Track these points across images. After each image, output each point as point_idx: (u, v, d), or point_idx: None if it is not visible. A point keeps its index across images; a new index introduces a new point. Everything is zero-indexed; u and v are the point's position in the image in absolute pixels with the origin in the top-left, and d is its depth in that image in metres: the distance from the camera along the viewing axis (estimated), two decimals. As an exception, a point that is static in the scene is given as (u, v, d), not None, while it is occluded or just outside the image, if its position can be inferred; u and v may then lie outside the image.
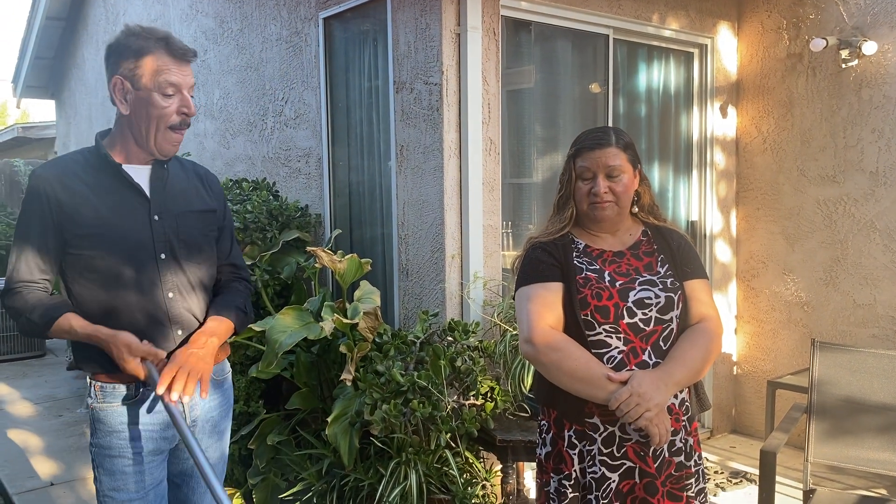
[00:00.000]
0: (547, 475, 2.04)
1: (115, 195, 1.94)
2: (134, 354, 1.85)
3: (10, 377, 6.39)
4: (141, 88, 1.89)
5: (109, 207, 1.92)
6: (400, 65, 3.57)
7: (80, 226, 1.89)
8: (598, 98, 4.11)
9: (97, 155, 1.96)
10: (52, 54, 8.63)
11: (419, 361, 2.99)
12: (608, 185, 1.97)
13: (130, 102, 1.91)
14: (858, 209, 4.04)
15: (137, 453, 1.95)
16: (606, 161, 1.97)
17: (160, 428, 1.98)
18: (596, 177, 1.98)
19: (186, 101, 1.94)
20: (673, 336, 1.94)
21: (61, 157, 2.01)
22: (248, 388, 3.45)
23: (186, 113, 1.94)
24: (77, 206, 1.89)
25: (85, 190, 1.91)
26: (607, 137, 2.00)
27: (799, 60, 4.26)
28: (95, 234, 1.90)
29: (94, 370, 1.95)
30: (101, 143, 1.98)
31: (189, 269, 2.03)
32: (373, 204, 3.94)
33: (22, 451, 4.49)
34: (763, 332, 4.53)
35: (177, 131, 1.95)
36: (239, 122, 5.04)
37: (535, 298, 1.95)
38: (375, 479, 2.88)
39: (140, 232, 1.95)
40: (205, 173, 2.19)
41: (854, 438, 2.83)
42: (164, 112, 1.90)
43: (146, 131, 1.92)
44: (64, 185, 1.90)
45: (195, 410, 2.04)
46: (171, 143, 1.95)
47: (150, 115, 1.90)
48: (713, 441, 4.54)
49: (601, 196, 1.97)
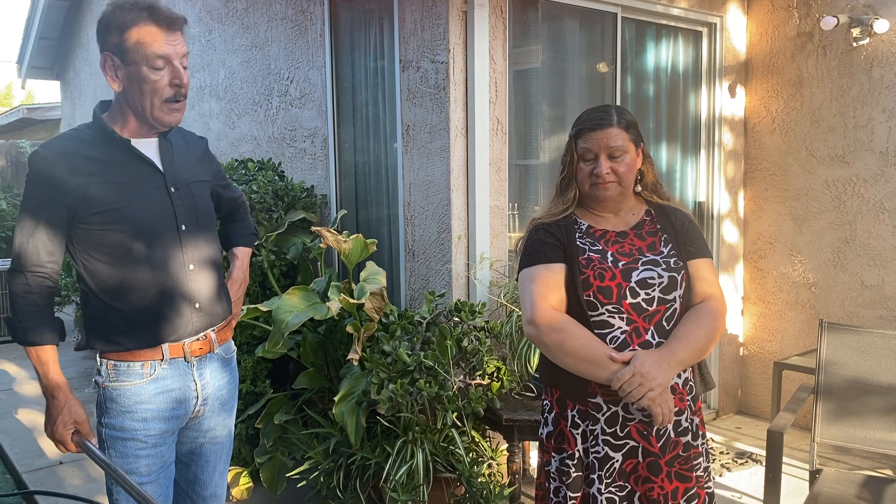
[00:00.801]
0: (548, 454, 2.05)
1: (127, 170, 1.91)
2: (70, 429, 1.87)
3: (17, 357, 6.43)
4: (130, 63, 1.83)
5: (124, 184, 1.89)
6: (406, 43, 3.54)
7: (93, 204, 1.85)
8: (606, 77, 4.07)
9: (102, 131, 1.91)
10: (56, 35, 8.59)
11: (425, 342, 3.00)
12: (610, 165, 1.96)
13: (122, 78, 1.86)
14: (867, 190, 4.01)
15: (150, 434, 1.94)
16: (608, 141, 1.95)
17: (172, 407, 1.97)
18: (598, 157, 1.96)
19: (178, 72, 1.86)
20: (676, 316, 1.94)
21: (61, 136, 1.95)
22: (255, 367, 3.47)
23: (179, 84, 1.87)
24: (86, 185, 1.85)
25: (93, 167, 1.87)
26: (608, 117, 1.98)
27: (809, 39, 4.22)
28: (111, 210, 1.86)
29: (106, 347, 1.93)
30: (102, 118, 1.94)
31: (207, 240, 2.03)
32: (378, 184, 3.92)
33: (30, 430, 4.53)
34: (770, 314, 4.52)
35: (173, 103, 1.89)
36: (244, 102, 5.02)
37: (538, 280, 1.95)
38: (382, 457, 2.89)
39: (160, 205, 1.93)
40: (191, 137, 2.17)
41: (861, 419, 2.83)
42: (155, 86, 1.84)
43: (141, 106, 1.87)
44: (69, 166, 1.85)
45: (207, 389, 2.04)
46: (169, 113, 1.90)
47: (143, 90, 1.85)
48: (719, 422, 4.54)
49: (603, 177, 1.95)
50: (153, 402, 1.94)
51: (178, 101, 1.89)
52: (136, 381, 1.92)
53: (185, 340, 1.97)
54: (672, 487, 1.91)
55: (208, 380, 2.04)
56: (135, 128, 1.93)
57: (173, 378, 1.96)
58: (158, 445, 1.96)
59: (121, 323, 1.91)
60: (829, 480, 2.75)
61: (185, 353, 1.97)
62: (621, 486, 1.93)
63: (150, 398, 1.93)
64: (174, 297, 1.94)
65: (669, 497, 1.91)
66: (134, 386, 1.92)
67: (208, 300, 2.02)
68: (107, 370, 1.93)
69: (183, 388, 1.98)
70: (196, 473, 2.15)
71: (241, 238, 2.35)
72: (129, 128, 1.93)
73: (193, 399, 2.01)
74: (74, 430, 1.87)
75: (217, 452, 2.16)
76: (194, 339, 1.99)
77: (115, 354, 1.92)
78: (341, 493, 2.99)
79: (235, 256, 2.31)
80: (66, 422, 1.86)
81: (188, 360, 1.98)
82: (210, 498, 2.19)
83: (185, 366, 1.98)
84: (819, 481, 2.74)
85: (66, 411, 1.86)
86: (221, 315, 2.09)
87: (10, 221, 10.10)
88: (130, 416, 1.92)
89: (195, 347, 1.99)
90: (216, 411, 2.10)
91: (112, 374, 1.92)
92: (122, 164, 1.91)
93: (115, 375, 1.92)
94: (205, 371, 2.03)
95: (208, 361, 2.05)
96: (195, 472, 2.15)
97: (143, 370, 1.92)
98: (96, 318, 1.93)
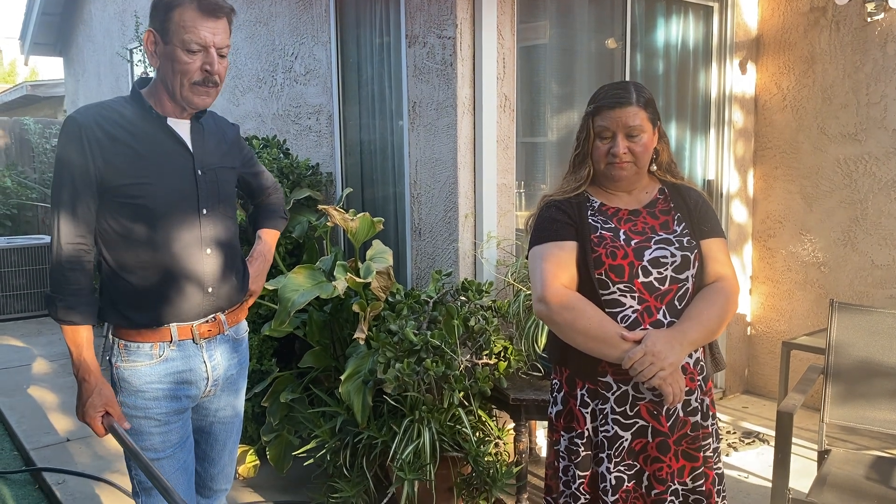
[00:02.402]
0: (557, 434, 2.04)
1: (160, 147, 1.91)
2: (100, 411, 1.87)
3: (25, 335, 6.45)
4: (168, 43, 1.85)
5: (154, 159, 1.89)
6: (412, 18, 3.48)
7: (121, 174, 1.85)
8: (615, 54, 4.01)
9: (140, 105, 1.92)
10: (59, 11, 8.53)
11: (432, 321, 2.98)
12: (627, 144, 1.92)
13: (159, 55, 1.88)
14: (880, 168, 3.96)
15: (162, 413, 1.95)
16: (626, 121, 1.91)
17: (182, 387, 1.98)
18: (615, 136, 1.92)
19: (211, 59, 1.86)
20: (688, 295, 1.91)
21: (98, 103, 1.94)
22: (261, 346, 3.46)
23: (209, 71, 1.87)
24: (117, 153, 1.85)
25: (126, 137, 1.87)
26: (628, 95, 1.93)
27: (822, 14, 4.14)
28: (138, 183, 1.86)
29: (116, 321, 1.92)
30: (141, 93, 1.94)
31: (225, 226, 2.03)
32: (384, 162, 3.89)
33: (37, 407, 4.55)
34: (778, 293, 4.49)
35: (201, 86, 1.89)
36: (248, 78, 4.97)
37: (549, 257, 1.92)
38: (389, 436, 2.88)
39: (186, 186, 1.94)
40: (224, 123, 2.17)
41: (870, 400, 2.81)
42: (186, 68, 1.85)
43: (171, 85, 1.88)
44: (105, 130, 1.85)
45: (217, 370, 2.04)
46: (197, 95, 1.90)
47: (175, 69, 1.86)
48: (726, 401, 4.53)
49: (620, 157, 1.91)
50: (163, 383, 1.95)
51: (207, 85, 1.89)
52: (146, 361, 1.93)
53: (193, 322, 1.97)
54: (679, 465, 1.90)
55: (218, 361, 2.05)
56: (169, 107, 1.93)
57: (182, 360, 1.97)
58: (171, 423, 1.97)
59: (132, 296, 1.91)
60: (837, 461, 2.73)
61: (194, 335, 1.97)
62: (630, 465, 1.92)
63: (159, 379, 1.94)
64: (187, 278, 1.94)
65: (676, 475, 1.90)
66: (144, 367, 1.93)
67: (221, 285, 2.02)
68: (118, 350, 1.94)
69: (193, 370, 1.99)
70: (206, 451, 2.17)
71: (268, 221, 2.35)
72: (163, 106, 1.93)
73: (203, 380, 2.02)
74: (104, 412, 1.88)
75: (227, 431, 2.18)
76: (203, 322, 1.99)
77: (125, 333, 1.93)
78: (348, 472, 2.99)
79: (259, 238, 2.32)
80: (95, 404, 1.87)
81: (196, 341, 1.98)
82: (219, 475, 2.21)
83: (193, 347, 1.98)
84: (828, 461, 2.73)
85: (97, 394, 1.87)
86: (234, 301, 2.09)
87: (16, 199, 10.09)
88: (142, 396, 1.94)
89: (203, 329, 1.99)
90: (226, 391, 2.11)
91: (124, 353, 1.94)
92: (155, 139, 1.91)
93: (127, 356, 1.93)
94: (214, 353, 2.03)
95: (218, 343, 2.05)
96: (205, 449, 2.17)
97: (151, 351, 1.93)
98: (109, 289, 1.93)
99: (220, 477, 2.22)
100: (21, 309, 7.11)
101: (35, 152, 11.03)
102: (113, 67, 7.43)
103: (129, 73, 7.02)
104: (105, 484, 3.49)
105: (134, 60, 6.45)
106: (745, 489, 3.41)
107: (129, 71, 7.00)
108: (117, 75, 7.36)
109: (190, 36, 1.83)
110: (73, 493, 3.42)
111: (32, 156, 11.07)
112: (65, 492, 3.43)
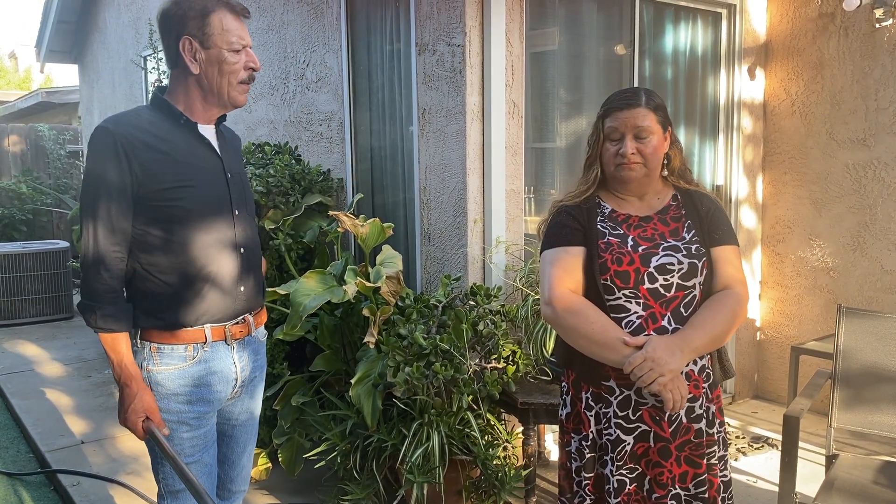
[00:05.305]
0: (568, 435, 2.07)
1: (194, 152, 1.97)
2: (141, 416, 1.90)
3: (39, 338, 6.52)
4: (211, 47, 1.91)
5: (191, 163, 1.95)
6: (422, 25, 3.53)
7: (161, 179, 1.88)
8: (624, 60, 4.04)
9: (168, 112, 1.96)
10: (74, 18, 8.62)
11: (441, 325, 3.01)
12: (636, 146, 1.94)
13: (200, 61, 1.93)
14: (889, 173, 3.96)
15: (195, 417, 1.98)
16: (635, 121, 1.93)
17: (215, 389, 2.01)
18: (624, 137, 1.95)
19: (252, 56, 1.98)
20: (695, 303, 1.93)
21: (125, 113, 1.98)
22: (273, 350, 3.50)
23: (253, 68, 1.98)
24: (155, 159, 1.88)
25: (161, 145, 1.91)
26: (637, 98, 1.96)
27: (831, 20, 4.15)
28: (180, 186, 1.91)
29: (147, 323, 1.93)
30: (166, 99, 1.98)
31: (252, 227, 2.12)
32: (395, 168, 3.92)
33: (52, 410, 4.60)
34: (787, 298, 4.49)
35: (246, 84, 1.99)
36: (260, 85, 5.03)
37: (557, 262, 1.96)
38: (398, 439, 2.91)
39: (220, 189, 2.01)
40: (230, 132, 2.23)
41: (878, 405, 2.81)
42: (234, 68, 1.94)
43: (218, 88, 1.95)
44: (138, 139, 1.88)
45: (245, 371, 2.09)
46: (242, 93, 2.00)
47: (223, 71, 1.93)
48: (735, 406, 4.54)
49: (628, 157, 1.93)
50: (198, 385, 1.98)
51: (249, 83, 2.00)
52: (180, 364, 1.95)
53: (226, 323, 2.01)
54: (680, 471, 1.91)
55: (246, 362, 2.09)
56: (197, 112, 1.99)
57: (215, 360, 2.00)
58: (202, 427, 2.01)
59: (169, 298, 1.93)
60: (845, 465, 2.74)
61: (227, 336, 2.01)
62: (632, 469, 1.94)
63: (194, 381, 1.97)
64: (223, 278, 1.98)
65: (677, 480, 1.91)
66: (178, 370, 1.95)
67: (252, 284, 2.08)
68: (150, 353, 1.94)
69: (225, 371, 2.02)
70: (226, 453, 2.20)
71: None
72: (194, 112, 1.99)
73: (233, 381, 2.05)
74: (145, 417, 1.91)
75: (247, 434, 2.22)
76: (235, 323, 2.03)
77: (158, 336, 1.94)
78: (358, 475, 3.02)
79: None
80: (137, 410, 1.89)
81: (228, 342, 2.02)
82: (237, 477, 2.25)
83: (225, 348, 2.02)
84: (835, 466, 2.74)
85: (139, 400, 1.89)
86: (258, 302, 2.14)
87: (31, 204, 10.20)
88: (176, 399, 1.96)
89: (235, 331, 2.03)
90: (247, 394, 2.15)
91: (156, 357, 1.94)
92: (189, 144, 1.97)
93: (160, 359, 1.94)
94: (243, 354, 2.08)
95: (246, 345, 2.09)
96: (225, 452, 2.20)
97: (186, 353, 1.95)
98: (142, 292, 1.93)
99: (239, 479, 2.25)
100: (36, 313, 7.19)
101: (50, 158, 11.16)
102: (127, 74, 7.51)
103: (142, 80, 7.09)
104: (119, 486, 3.53)
105: (148, 68, 6.52)
106: (754, 494, 3.42)
107: (142, 78, 7.07)
108: (131, 82, 7.45)
109: (233, 37, 1.92)
110: (88, 494, 3.47)
111: (47, 161, 11.21)
112: (79, 493, 3.47)
